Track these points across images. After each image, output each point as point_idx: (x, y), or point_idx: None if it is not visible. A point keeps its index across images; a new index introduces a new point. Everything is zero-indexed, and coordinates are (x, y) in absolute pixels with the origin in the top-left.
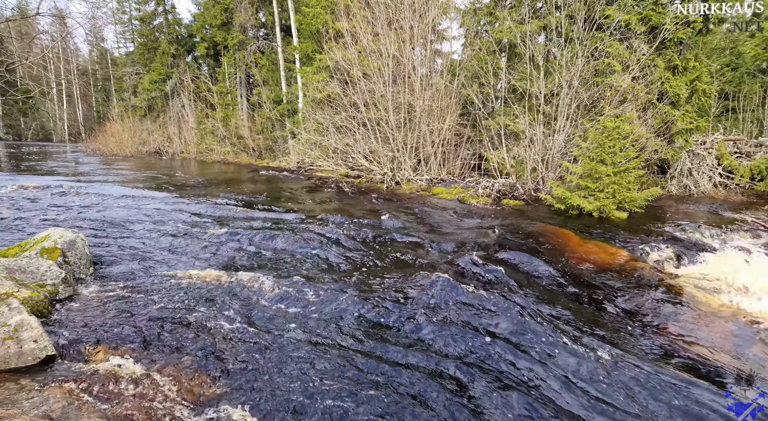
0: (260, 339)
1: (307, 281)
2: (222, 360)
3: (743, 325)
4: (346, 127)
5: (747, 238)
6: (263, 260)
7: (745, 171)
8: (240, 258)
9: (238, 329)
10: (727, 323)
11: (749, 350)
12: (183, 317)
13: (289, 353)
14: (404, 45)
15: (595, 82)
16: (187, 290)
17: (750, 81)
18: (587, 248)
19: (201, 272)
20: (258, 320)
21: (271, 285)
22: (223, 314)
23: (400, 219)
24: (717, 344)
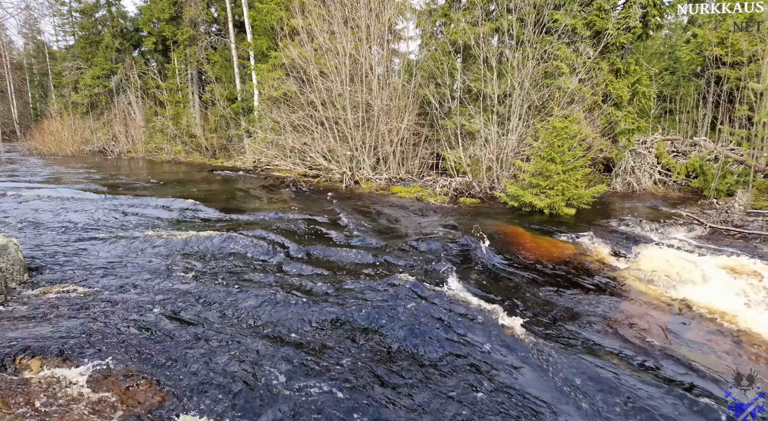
0: (196, 341)
1: (245, 281)
2: (160, 367)
3: (677, 312)
4: (303, 126)
5: (682, 231)
6: (209, 264)
7: (681, 169)
8: (185, 261)
9: (174, 332)
10: (663, 311)
11: (684, 336)
12: (120, 323)
13: (225, 354)
14: (361, 44)
15: (545, 84)
16: (125, 295)
17: (686, 84)
18: (538, 243)
19: (141, 277)
20: (198, 323)
21: (210, 287)
22: (162, 318)
23: (358, 218)
24: (655, 331)
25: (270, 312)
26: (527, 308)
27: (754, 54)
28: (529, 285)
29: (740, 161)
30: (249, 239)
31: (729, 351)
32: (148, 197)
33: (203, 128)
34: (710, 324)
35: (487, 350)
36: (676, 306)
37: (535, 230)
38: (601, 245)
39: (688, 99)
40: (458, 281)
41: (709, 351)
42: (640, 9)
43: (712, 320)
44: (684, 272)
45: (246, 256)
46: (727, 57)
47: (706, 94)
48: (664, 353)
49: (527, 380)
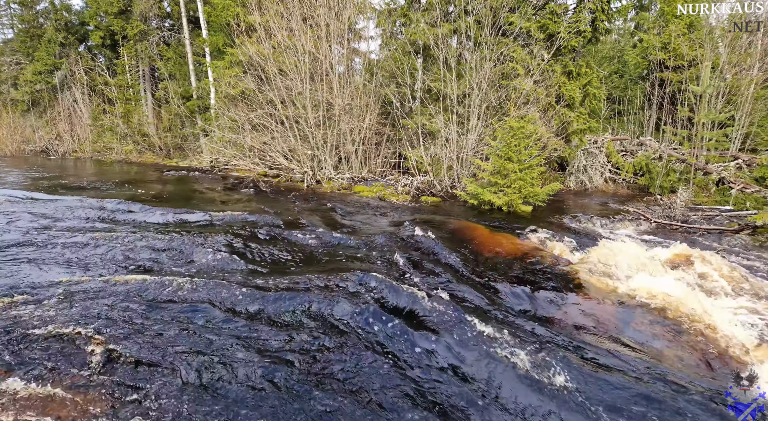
0: (146, 348)
1: (199, 283)
2: (109, 373)
3: (625, 302)
4: (263, 125)
5: (630, 226)
6: (164, 265)
7: (629, 167)
8: (139, 262)
9: (126, 337)
10: (612, 302)
11: (631, 324)
12: (67, 331)
13: (187, 359)
14: (321, 42)
15: (502, 85)
16: (72, 300)
17: (633, 87)
18: (496, 239)
19: (92, 281)
20: (147, 328)
21: (161, 291)
22: (114, 323)
23: (320, 217)
24: (604, 320)
25: (224, 312)
26: (484, 302)
27: (694, 58)
28: (487, 280)
29: (682, 160)
30: (206, 240)
31: (670, 337)
32: (93, 199)
33: (156, 127)
34: (653, 312)
35: (445, 345)
36: (624, 296)
37: (493, 227)
38: (555, 240)
39: (635, 101)
40: (416, 277)
41: (652, 338)
42: (590, 14)
43: (655, 308)
44: (630, 264)
45: (204, 258)
46: (669, 61)
47: (651, 96)
48: (612, 340)
49: (481, 372)
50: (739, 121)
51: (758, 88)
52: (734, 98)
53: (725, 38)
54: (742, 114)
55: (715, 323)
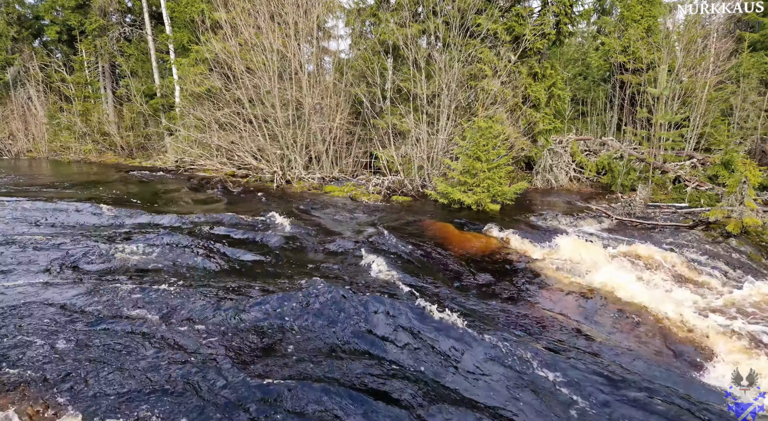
0: (96, 353)
1: (161, 287)
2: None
3: (587, 296)
4: (230, 124)
5: (593, 223)
6: (127, 268)
7: (592, 166)
8: (99, 266)
9: (80, 343)
10: (576, 295)
11: (593, 317)
12: (21, 339)
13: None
14: (289, 40)
15: (470, 85)
16: (22, 308)
17: (596, 89)
18: (465, 237)
19: (46, 288)
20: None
21: (117, 296)
22: (65, 329)
23: (290, 218)
24: (569, 313)
25: (199, 313)
26: (454, 298)
27: (652, 62)
28: (456, 277)
29: (641, 159)
30: (172, 241)
31: (628, 331)
32: (54, 200)
33: (118, 126)
34: (613, 305)
35: (414, 341)
36: (586, 290)
37: (462, 226)
38: (522, 237)
39: (598, 102)
40: (386, 275)
41: (613, 329)
42: (554, 17)
43: (615, 300)
44: (592, 259)
45: (171, 260)
46: (629, 64)
47: (613, 97)
48: (575, 330)
49: (449, 364)
50: (694, 122)
51: (711, 90)
52: (689, 100)
53: (681, 42)
54: (697, 115)
55: (670, 313)
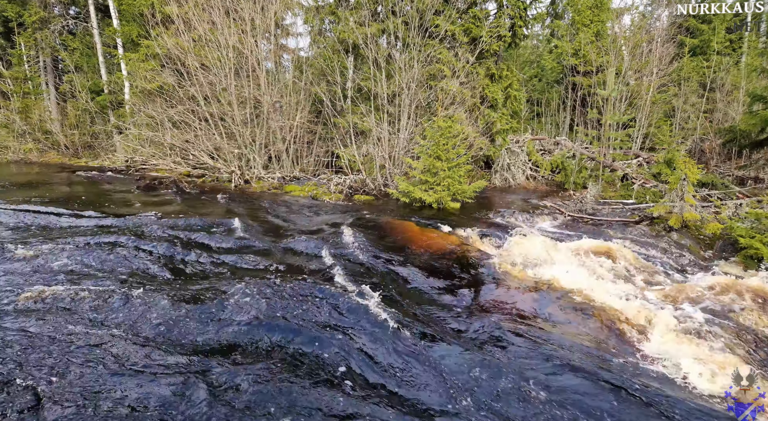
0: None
1: (109, 292)
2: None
3: (542, 290)
4: (184, 122)
5: (547, 220)
6: (62, 272)
7: (547, 165)
8: (38, 273)
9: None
10: (530, 289)
11: (547, 310)
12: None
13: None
14: (246, 37)
15: (430, 85)
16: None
17: (550, 90)
18: (426, 235)
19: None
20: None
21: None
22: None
23: (247, 218)
24: (524, 307)
25: (132, 317)
26: (413, 297)
27: (601, 65)
28: (417, 275)
29: (592, 158)
30: (116, 243)
31: (579, 321)
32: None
33: (62, 124)
34: (565, 298)
35: (369, 340)
36: (539, 284)
37: (423, 224)
38: (480, 235)
39: (552, 103)
40: (344, 276)
41: (565, 322)
42: (509, 20)
43: (567, 294)
44: (546, 254)
45: (112, 264)
46: (580, 66)
47: (565, 99)
48: (530, 322)
49: (406, 365)
50: (640, 122)
51: (655, 92)
52: (636, 101)
53: (628, 46)
54: (642, 116)
55: (616, 304)
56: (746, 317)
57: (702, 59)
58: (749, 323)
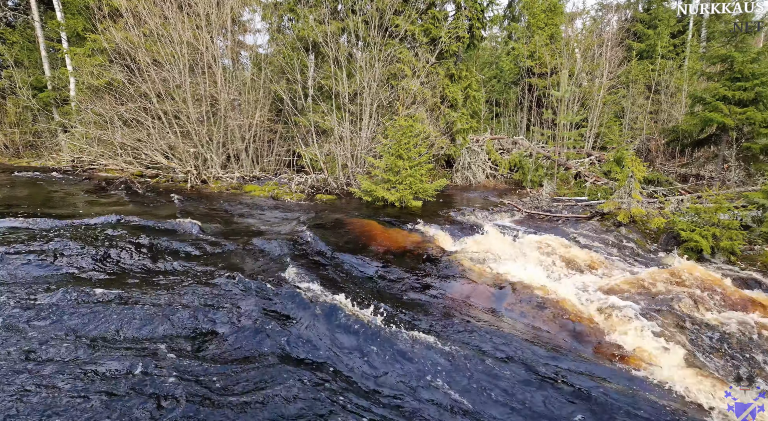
0: None
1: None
2: None
3: (499, 284)
4: (136, 120)
5: (506, 217)
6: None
7: (505, 164)
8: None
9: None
10: (489, 285)
11: (503, 303)
12: None
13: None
14: (201, 32)
15: (391, 85)
16: None
17: (508, 91)
18: (388, 234)
19: None
20: None
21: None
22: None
23: (204, 219)
24: (481, 302)
25: (71, 325)
26: (374, 294)
27: (555, 67)
28: (378, 272)
29: (548, 157)
30: (59, 248)
31: (534, 314)
32: None
33: (0, 122)
34: (522, 292)
35: (333, 340)
36: (498, 279)
37: (386, 223)
38: (441, 232)
39: (510, 103)
40: (303, 275)
41: (520, 315)
42: (467, 21)
43: (523, 288)
44: (504, 250)
45: (53, 269)
46: (536, 68)
47: (522, 99)
48: (489, 316)
49: (371, 363)
50: (591, 123)
51: (605, 94)
52: (588, 102)
53: (580, 49)
54: (594, 116)
55: (568, 296)
56: (686, 306)
57: (648, 63)
58: (689, 311)
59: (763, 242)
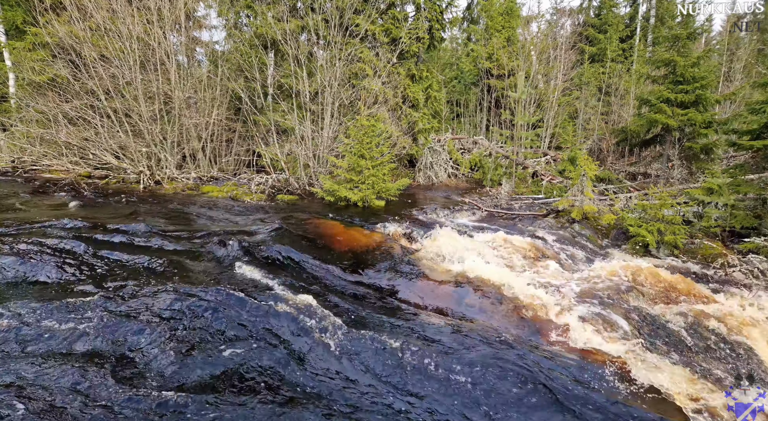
0: None
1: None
2: None
3: (459, 282)
4: (83, 119)
5: (467, 215)
6: None
7: (466, 163)
8: None
9: None
10: (450, 282)
11: (465, 300)
12: None
13: None
14: (152, 27)
15: (353, 84)
16: None
17: (468, 92)
18: (350, 234)
19: None
20: None
21: None
22: None
23: (155, 221)
24: (442, 299)
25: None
26: (336, 294)
27: (512, 68)
28: (341, 273)
29: (506, 156)
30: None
31: (493, 310)
32: None
33: None
34: (481, 288)
35: (296, 341)
36: (457, 276)
37: (348, 222)
38: (403, 231)
39: (470, 104)
40: (263, 278)
41: (479, 311)
42: (427, 22)
43: (481, 283)
44: (464, 248)
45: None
46: (494, 70)
47: (482, 100)
48: (450, 313)
49: (332, 363)
50: (547, 123)
51: (560, 95)
52: (543, 104)
53: (536, 51)
54: (549, 117)
55: (525, 291)
56: (632, 297)
57: (600, 66)
58: (636, 303)
59: (703, 235)
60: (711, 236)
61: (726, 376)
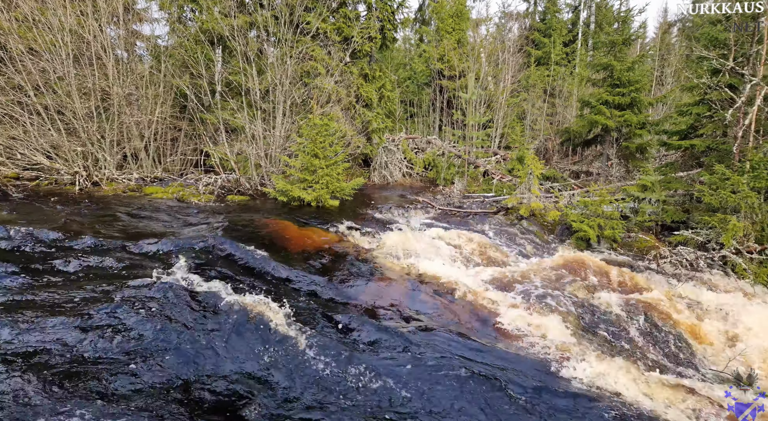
0: None
1: None
2: None
3: (413, 279)
4: (8, 116)
5: (421, 214)
6: None
7: (420, 162)
8: None
9: None
10: (404, 280)
11: (419, 297)
12: None
13: None
14: (86, 19)
15: (305, 83)
16: None
17: (421, 92)
18: (304, 234)
19: None
20: None
21: None
22: None
23: (94, 226)
24: (397, 296)
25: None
26: (288, 296)
27: (463, 70)
28: (294, 274)
29: (459, 156)
30: None
31: (446, 305)
32: None
33: None
34: (435, 285)
35: (253, 345)
36: (412, 275)
37: (302, 223)
38: (358, 231)
39: (423, 104)
40: (211, 281)
41: (432, 307)
42: (379, 22)
43: (433, 280)
44: (417, 247)
45: None
46: (446, 71)
47: (435, 100)
48: (404, 311)
49: (286, 364)
50: (497, 123)
51: (508, 96)
52: (493, 105)
53: (485, 54)
54: (498, 118)
55: (475, 287)
56: (576, 288)
57: (545, 69)
58: (579, 294)
59: (638, 230)
60: (646, 230)
61: (660, 358)
